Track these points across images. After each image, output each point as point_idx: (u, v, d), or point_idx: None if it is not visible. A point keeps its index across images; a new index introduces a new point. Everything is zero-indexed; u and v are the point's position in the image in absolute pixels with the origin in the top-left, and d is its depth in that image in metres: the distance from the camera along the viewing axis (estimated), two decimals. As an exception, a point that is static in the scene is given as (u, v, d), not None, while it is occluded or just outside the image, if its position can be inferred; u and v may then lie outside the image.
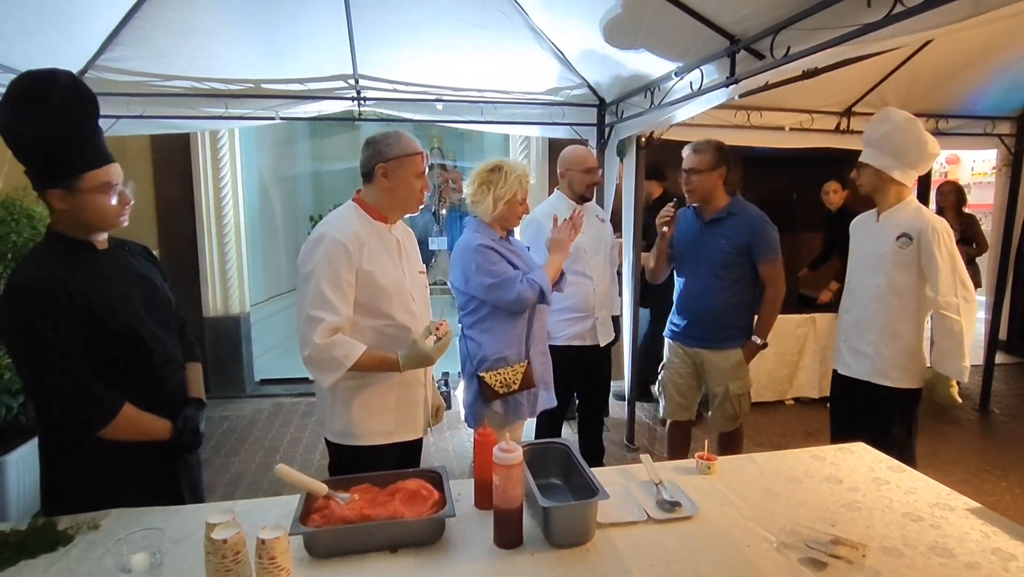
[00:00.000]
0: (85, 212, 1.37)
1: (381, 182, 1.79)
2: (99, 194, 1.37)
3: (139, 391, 1.45)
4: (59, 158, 1.32)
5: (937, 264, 2.22)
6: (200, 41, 3.13)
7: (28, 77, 1.32)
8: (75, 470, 1.46)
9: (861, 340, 2.43)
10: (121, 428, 1.40)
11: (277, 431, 4.20)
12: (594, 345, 2.93)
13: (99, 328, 1.37)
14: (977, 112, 4.21)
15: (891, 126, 2.30)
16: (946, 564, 1.26)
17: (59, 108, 1.31)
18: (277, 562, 1.10)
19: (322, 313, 1.65)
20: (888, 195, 2.39)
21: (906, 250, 2.30)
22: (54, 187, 1.34)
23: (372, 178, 1.80)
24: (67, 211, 1.37)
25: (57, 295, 1.31)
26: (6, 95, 1.31)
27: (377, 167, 1.77)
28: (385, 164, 1.77)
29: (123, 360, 1.44)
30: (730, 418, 2.78)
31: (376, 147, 1.79)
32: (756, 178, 5.87)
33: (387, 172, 1.78)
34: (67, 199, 1.35)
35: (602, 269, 2.96)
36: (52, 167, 1.32)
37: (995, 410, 4.51)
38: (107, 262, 1.47)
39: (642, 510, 1.45)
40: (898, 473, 1.69)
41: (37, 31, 2.64)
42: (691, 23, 2.48)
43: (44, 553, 1.28)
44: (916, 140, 2.28)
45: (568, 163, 2.90)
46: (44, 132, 1.29)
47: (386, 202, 1.82)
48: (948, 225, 2.30)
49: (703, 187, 2.67)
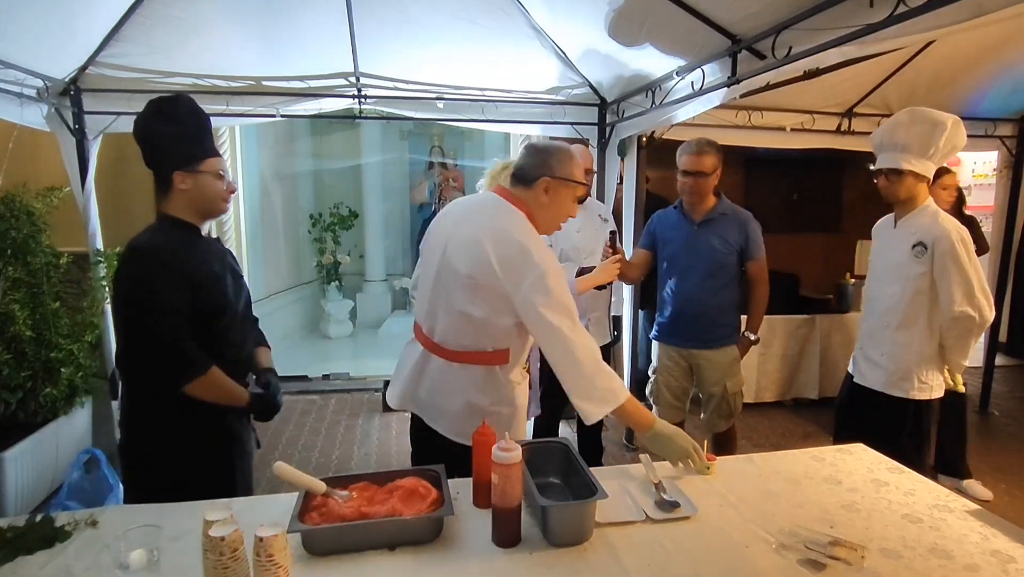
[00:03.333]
0: (203, 191, 1.63)
1: (540, 197, 1.67)
2: (214, 178, 1.65)
3: (223, 359, 1.63)
4: (187, 147, 1.62)
5: (950, 275, 2.13)
6: (201, 38, 3.13)
7: (159, 99, 1.64)
8: (153, 425, 1.62)
9: (876, 350, 2.35)
10: (208, 386, 1.59)
11: (276, 429, 4.20)
12: None
13: (196, 296, 1.57)
14: (978, 114, 4.20)
15: (927, 127, 2.15)
16: (945, 566, 1.26)
17: (185, 115, 1.63)
18: (275, 560, 1.10)
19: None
20: (913, 200, 2.27)
21: (921, 259, 2.20)
22: (180, 169, 1.60)
23: (532, 186, 1.67)
24: (187, 191, 1.62)
25: (168, 259, 1.54)
26: (143, 113, 1.61)
27: (542, 180, 1.66)
28: (551, 180, 1.66)
29: (211, 329, 1.62)
30: (725, 417, 2.79)
31: (546, 159, 1.68)
32: (757, 179, 5.87)
33: (549, 187, 1.67)
34: (188, 180, 1.61)
35: None
36: (181, 154, 1.61)
37: (995, 412, 4.51)
38: (207, 246, 1.71)
39: (641, 510, 1.44)
40: (897, 474, 1.69)
41: (37, 27, 2.63)
42: (693, 23, 2.48)
43: (42, 550, 1.27)
44: (954, 140, 2.16)
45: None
46: (175, 130, 1.60)
47: (540, 216, 1.70)
48: (966, 232, 2.18)
49: (705, 190, 2.65)
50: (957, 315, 2.14)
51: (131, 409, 1.67)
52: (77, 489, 2.80)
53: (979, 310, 2.13)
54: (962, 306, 2.13)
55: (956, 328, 2.18)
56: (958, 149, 2.23)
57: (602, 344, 2.96)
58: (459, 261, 1.61)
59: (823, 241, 6.15)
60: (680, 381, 2.85)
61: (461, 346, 1.67)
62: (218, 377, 1.61)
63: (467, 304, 1.61)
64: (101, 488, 2.82)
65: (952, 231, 2.16)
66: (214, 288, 1.63)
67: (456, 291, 1.62)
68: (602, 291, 2.93)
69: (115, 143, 3.44)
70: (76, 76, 3.15)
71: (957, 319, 2.15)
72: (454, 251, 1.63)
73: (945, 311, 2.18)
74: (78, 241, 3.36)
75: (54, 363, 3.17)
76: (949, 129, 2.14)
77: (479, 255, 1.56)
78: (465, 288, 1.60)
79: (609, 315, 3.10)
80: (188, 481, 1.59)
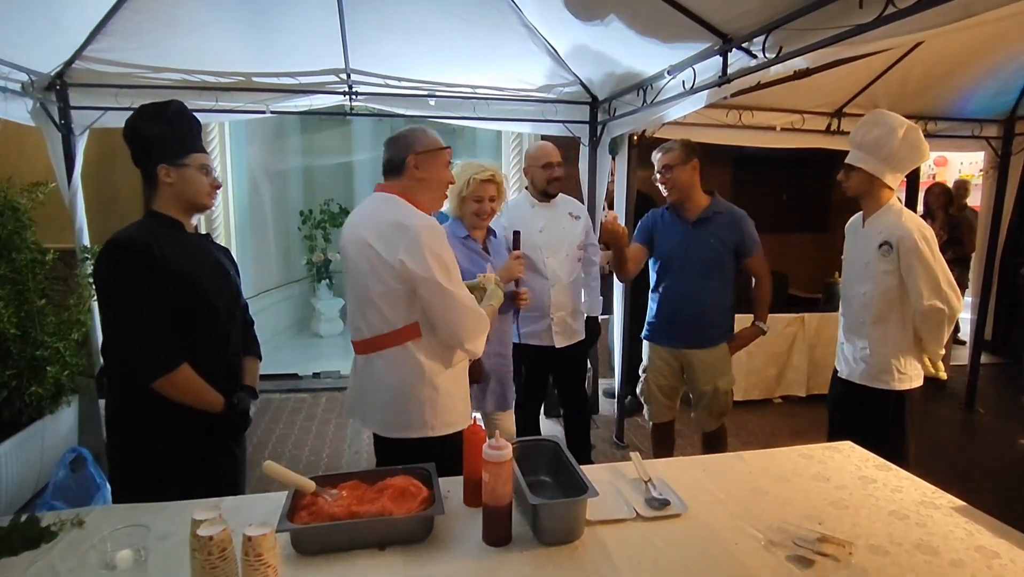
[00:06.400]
0: (187, 186, 1.66)
1: (414, 174, 1.77)
2: (198, 172, 1.67)
3: (198, 360, 1.61)
4: (172, 143, 1.65)
5: (916, 272, 2.21)
6: (190, 33, 3.09)
7: (151, 103, 1.70)
8: (137, 423, 1.62)
9: (855, 345, 2.42)
10: (178, 385, 1.57)
11: (266, 427, 4.18)
12: (551, 346, 2.88)
13: (176, 290, 1.57)
14: (965, 115, 4.24)
15: (884, 130, 2.25)
16: (931, 561, 1.27)
17: (174, 117, 1.68)
18: (264, 559, 1.09)
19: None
20: (874, 199, 2.36)
21: (888, 258, 2.28)
22: (165, 163, 1.63)
23: (403, 170, 1.78)
24: (171, 185, 1.65)
25: (143, 252, 1.54)
26: (134, 115, 1.67)
27: (409, 158, 1.76)
28: (416, 155, 1.77)
29: (189, 326, 1.61)
30: (717, 415, 2.80)
31: (406, 142, 1.79)
32: (747, 178, 5.90)
33: (418, 163, 1.77)
34: (173, 173, 1.64)
35: (563, 269, 2.89)
36: (166, 149, 1.64)
37: (980, 409, 4.56)
38: (191, 241, 1.71)
39: (631, 508, 1.45)
40: (884, 471, 1.71)
41: (22, 20, 2.59)
42: (684, 21, 2.48)
43: (26, 550, 1.26)
44: (911, 146, 2.24)
45: (528, 159, 2.93)
46: (162, 128, 1.65)
47: (421, 193, 1.80)
48: (929, 230, 2.27)
49: (680, 182, 2.67)
50: (927, 309, 2.22)
51: (116, 406, 1.65)
52: (63, 489, 2.76)
53: (947, 302, 2.22)
54: (931, 300, 2.21)
55: (928, 321, 2.26)
56: (919, 155, 2.29)
57: (566, 344, 2.92)
58: (356, 260, 1.73)
59: (812, 240, 6.19)
60: (671, 380, 2.86)
61: (376, 332, 1.73)
62: (189, 378, 1.58)
63: (369, 287, 1.70)
64: (88, 488, 2.79)
65: (914, 230, 2.24)
66: (194, 284, 1.62)
67: (362, 284, 1.72)
68: (563, 289, 2.88)
69: (102, 138, 3.40)
70: (62, 70, 3.11)
71: (927, 312, 2.23)
72: (351, 255, 1.75)
73: (916, 306, 2.25)
74: (64, 238, 3.32)
75: (40, 361, 3.13)
76: (901, 135, 2.22)
77: (364, 249, 1.69)
78: (367, 277, 1.70)
79: (579, 316, 3.00)
80: (174, 480, 1.58)
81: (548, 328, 2.87)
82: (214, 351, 1.69)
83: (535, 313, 2.82)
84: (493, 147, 6.05)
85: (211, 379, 1.64)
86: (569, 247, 2.92)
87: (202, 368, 1.62)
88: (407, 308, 1.69)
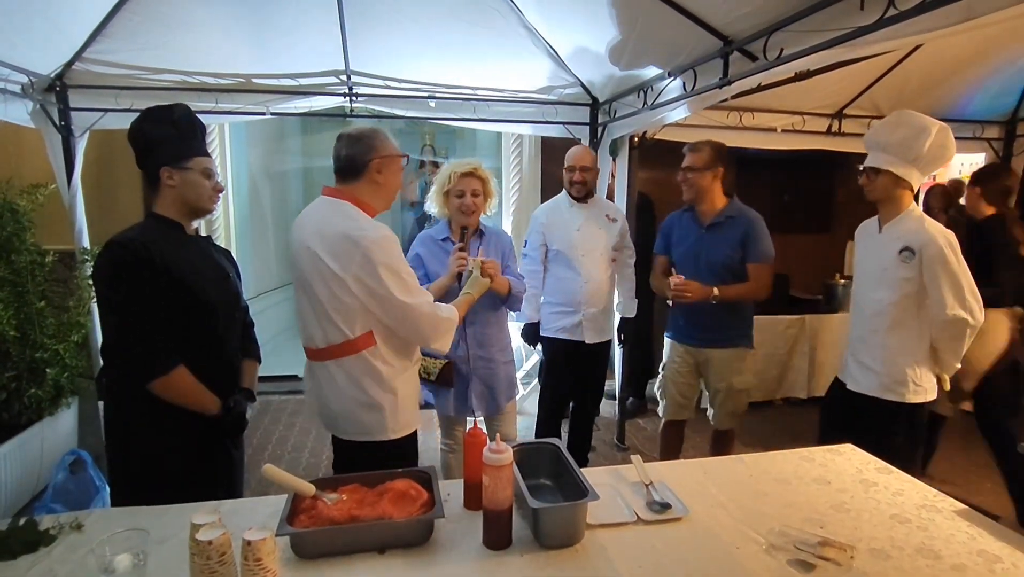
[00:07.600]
0: (189, 189, 1.67)
1: (374, 178, 1.78)
2: (201, 175, 1.68)
3: (196, 361, 1.61)
4: (176, 145, 1.66)
5: (940, 280, 2.12)
6: (190, 34, 3.09)
7: (156, 106, 1.70)
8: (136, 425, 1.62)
9: (867, 355, 2.33)
10: (174, 387, 1.57)
11: (265, 429, 4.17)
12: (580, 341, 2.96)
13: (175, 292, 1.58)
14: (966, 116, 4.24)
15: (912, 131, 2.12)
16: (933, 566, 1.27)
17: (179, 120, 1.68)
18: (263, 563, 1.09)
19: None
20: (895, 203, 2.25)
21: (909, 264, 2.18)
22: (168, 165, 1.64)
23: (363, 172, 1.77)
24: (174, 188, 1.65)
25: (141, 253, 1.54)
26: (139, 117, 1.67)
27: (373, 162, 1.76)
28: (381, 159, 1.78)
29: (188, 328, 1.62)
30: (730, 414, 2.82)
31: (371, 143, 1.78)
32: (748, 179, 5.89)
33: (381, 167, 1.78)
34: (176, 176, 1.65)
35: (596, 267, 2.97)
36: (169, 151, 1.65)
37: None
38: (191, 243, 1.72)
39: (632, 511, 1.45)
40: (885, 475, 1.70)
41: (22, 21, 2.59)
42: (685, 23, 2.48)
43: (25, 554, 1.25)
44: (942, 147, 2.14)
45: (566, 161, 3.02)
46: (166, 130, 1.65)
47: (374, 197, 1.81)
48: (953, 236, 2.17)
49: (697, 185, 2.71)
50: (950, 318, 2.13)
51: (114, 408, 1.65)
52: (62, 491, 2.76)
53: (971, 312, 2.13)
54: (954, 309, 2.12)
55: (949, 331, 2.17)
56: (947, 158, 2.20)
57: (595, 341, 2.99)
58: (308, 272, 1.72)
59: (813, 242, 6.18)
60: (688, 378, 2.88)
61: (331, 341, 1.73)
62: (185, 380, 1.59)
63: (322, 299, 1.70)
64: (87, 490, 2.79)
65: (939, 236, 2.15)
66: (192, 286, 1.62)
67: (314, 296, 1.71)
68: (597, 288, 2.95)
69: (102, 140, 3.41)
70: (62, 72, 3.11)
71: (950, 322, 2.14)
72: (302, 265, 1.74)
73: (938, 315, 2.16)
74: (64, 239, 3.32)
75: (39, 363, 3.13)
76: (933, 136, 2.11)
77: (316, 262, 1.69)
78: (320, 289, 1.69)
79: (609, 314, 3.11)
80: (172, 482, 1.58)
81: (579, 324, 2.95)
82: (212, 353, 1.69)
83: (567, 308, 2.94)
84: (493, 148, 6.04)
85: (209, 381, 1.64)
86: (604, 248, 3.00)
87: (200, 370, 1.62)
88: (362, 319, 1.71)
